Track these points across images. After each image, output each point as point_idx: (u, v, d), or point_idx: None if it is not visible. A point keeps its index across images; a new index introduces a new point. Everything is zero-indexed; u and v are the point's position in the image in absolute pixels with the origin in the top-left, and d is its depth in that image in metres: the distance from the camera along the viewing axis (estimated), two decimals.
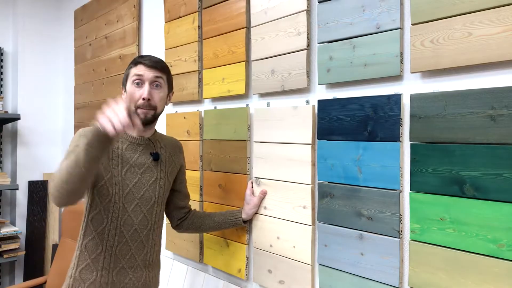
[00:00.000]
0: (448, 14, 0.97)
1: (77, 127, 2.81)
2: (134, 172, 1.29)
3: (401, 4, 1.08)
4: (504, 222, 0.89)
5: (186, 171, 1.78)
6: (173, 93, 1.39)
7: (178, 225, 1.50)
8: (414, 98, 1.04)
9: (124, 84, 1.32)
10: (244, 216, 1.45)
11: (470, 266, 0.94)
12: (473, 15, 0.93)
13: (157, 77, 1.27)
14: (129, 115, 0.97)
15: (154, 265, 1.36)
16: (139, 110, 1.25)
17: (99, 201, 1.24)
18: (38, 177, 3.04)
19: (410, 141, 1.05)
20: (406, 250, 1.08)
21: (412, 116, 1.04)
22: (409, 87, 1.08)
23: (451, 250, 0.97)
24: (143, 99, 1.24)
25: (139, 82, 1.26)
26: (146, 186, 1.31)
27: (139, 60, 1.28)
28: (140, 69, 1.26)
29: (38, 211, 2.95)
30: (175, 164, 1.43)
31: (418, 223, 1.03)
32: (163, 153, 1.37)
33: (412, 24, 1.04)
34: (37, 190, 2.96)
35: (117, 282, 1.26)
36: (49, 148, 3.11)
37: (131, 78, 1.27)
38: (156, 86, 1.28)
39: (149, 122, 1.29)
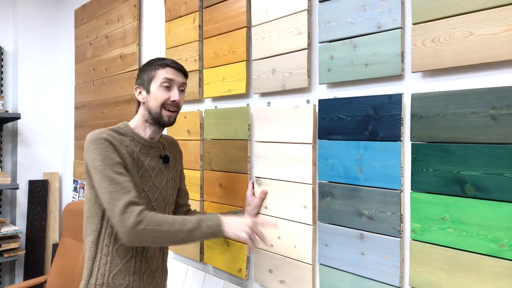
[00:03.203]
0: (449, 13, 0.97)
1: (77, 126, 2.82)
2: (148, 175, 1.28)
3: (402, 3, 1.08)
4: (505, 222, 0.89)
5: (187, 170, 1.79)
6: None
7: None
8: (415, 97, 1.04)
9: (144, 84, 1.28)
10: (246, 217, 1.45)
11: (471, 266, 0.94)
12: (474, 15, 0.93)
13: (183, 83, 1.30)
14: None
15: (167, 266, 1.41)
16: (164, 112, 1.26)
17: None
18: (38, 176, 3.04)
19: (411, 140, 1.05)
20: (407, 249, 1.07)
21: (413, 115, 1.04)
22: (410, 86, 1.08)
23: (452, 249, 0.97)
24: (173, 101, 1.25)
25: (168, 85, 1.26)
26: (159, 188, 1.31)
27: (166, 62, 1.27)
28: (170, 73, 1.26)
29: (38, 210, 2.95)
30: (178, 163, 1.45)
31: (419, 223, 1.03)
32: (169, 154, 1.39)
33: (413, 24, 1.04)
34: (37, 189, 2.96)
35: (147, 286, 1.28)
36: (49, 148, 3.10)
37: (159, 80, 1.25)
38: (181, 91, 1.30)
39: (171, 124, 1.30)
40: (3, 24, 3.01)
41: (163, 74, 1.25)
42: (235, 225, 1.16)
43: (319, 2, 1.27)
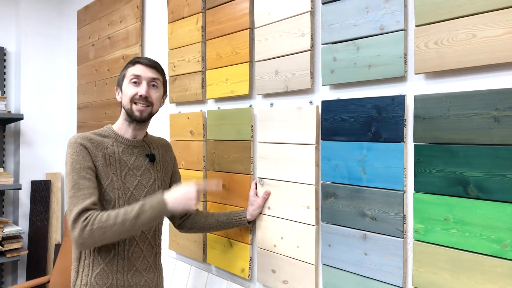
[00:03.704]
0: (452, 15, 0.98)
1: (79, 127, 2.82)
2: (133, 175, 1.30)
3: (405, 5, 1.08)
4: (508, 222, 0.89)
5: (190, 171, 1.79)
6: (166, 97, 1.41)
7: (180, 225, 1.51)
8: (418, 99, 1.04)
9: (119, 84, 1.33)
10: (248, 217, 1.46)
11: (474, 266, 0.94)
12: (477, 17, 0.94)
13: (154, 78, 1.30)
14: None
15: (161, 265, 1.40)
16: (134, 107, 1.27)
17: (106, 206, 1.25)
18: (40, 177, 3.05)
19: (414, 141, 1.06)
20: (410, 250, 1.08)
21: (416, 117, 1.05)
22: (413, 88, 1.09)
23: (455, 250, 0.98)
24: (140, 95, 1.26)
25: (136, 82, 1.28)
26: (146, 187, 1.32)
27: (137, 60, 1.30)
28: (138, 69, 1.28)
29: (40, 210, 2.96)
30: (168, 163, 1.46)
31: (422, 223, 1.04)
32: (156, 154, 1.40)
33: (416, 26, 1.05)
34: (40, 189, 2.97)
35: (133, 285, 1.28)
36: (51, 148, 3.12)
37: (128, 77, 1.29)
38: (153, 86, 1.31)
39: (145, 120, 1.31)
40: (5, 25, 3.02)
41: (131, 71, 1.29)
42: (179, 198, 1.19)
43: (322, 4, 1.27)
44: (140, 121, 1.30)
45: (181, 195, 1.20)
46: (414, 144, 1.05)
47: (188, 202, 1.19)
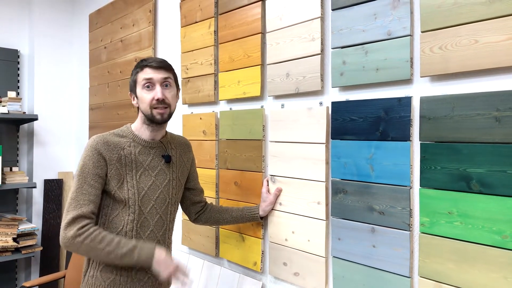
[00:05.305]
0: (456, 22, 1.05)
1: (91, 127, 2.90)
2: (148, 175, 1.34)
3: (411, 12, 1.15)
4: (508, 215, 0.96)
5: (203, 169, 1.86)
6: (179, 90, 1.43)
7: (196, 219, 1.58)
8: (423, 100, 1.11)
9: (132, 90, 1.35)
10: (261, 212, 1.53)
11: (477, 256, 1.01)
12: (479, 24, 1.01)
13: (166, 78, 1.32)
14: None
15: None
16: (155, 111, 1.30)
17: (117, 205, 1.31)
18: (53, 175, 3.13)
19: (419, 140, 1.12)
20: (416, 242, 1.15)
21: (421, 117, 1.12)
22: (419, 90, 1.16)
23: (459, 241, 1.04)
24: (157, 99, 1.29)
25: (149, 85, 1.30)
26: (160, 187, 1.36)
27: (144, 63, 1.31)
28: (148, 73, 1.30)
29: (53, 208, 3.04)
30: (185, 164, 1.49)
31: (428, 217, 1.10)
32: (174, 154, 1.43)
33: (422, 32, 1.12)
34: (53, 188, 3.05)
35: (137, 281, 1.32)
36: (63, 148, 3.20)
37: (140, 83, 1.31)
38: (166, 86, 1.33)
39: (166, 121, 1.35)
40: (19, 28, 3.10)
41: (142, 76, 1.30)
42: (162, 263, 1.23)
43: (332, 10, 1.34)
44: (162, 123, 1.33)
45: (166, 261, 1.23)
46: (420, 143, 1.12)
47: (164, 271, 1.23)
